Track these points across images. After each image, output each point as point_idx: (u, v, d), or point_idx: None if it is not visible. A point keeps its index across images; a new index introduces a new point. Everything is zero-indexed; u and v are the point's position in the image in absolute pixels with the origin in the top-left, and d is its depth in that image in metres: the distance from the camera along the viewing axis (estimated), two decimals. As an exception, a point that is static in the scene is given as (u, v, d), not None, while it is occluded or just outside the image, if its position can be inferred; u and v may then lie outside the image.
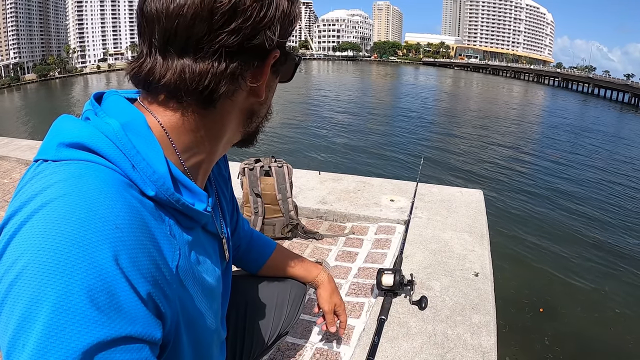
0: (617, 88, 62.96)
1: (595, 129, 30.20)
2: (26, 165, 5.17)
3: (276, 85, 0.82)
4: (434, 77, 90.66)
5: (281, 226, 3.01)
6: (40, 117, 32.93)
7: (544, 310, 6.27)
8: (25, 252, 0.50)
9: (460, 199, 3.54)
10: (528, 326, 5.81)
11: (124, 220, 0.55)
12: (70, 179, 0.56)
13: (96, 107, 0.70)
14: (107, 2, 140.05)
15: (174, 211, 0.68)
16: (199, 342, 0.75)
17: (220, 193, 0.98)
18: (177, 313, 0.65)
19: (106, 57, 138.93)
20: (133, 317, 0.53)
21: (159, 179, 0.64)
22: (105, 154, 0.61)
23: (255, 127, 0.82)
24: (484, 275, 2.36)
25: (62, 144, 0.61)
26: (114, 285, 0.51)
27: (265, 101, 0.79)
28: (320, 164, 14.55)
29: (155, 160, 0.66)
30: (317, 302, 1.44)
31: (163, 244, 0.61)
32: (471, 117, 31.76)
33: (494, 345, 1.79)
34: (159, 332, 0.58)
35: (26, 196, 0.55)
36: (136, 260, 0.55)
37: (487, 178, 14.97)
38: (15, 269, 0.49)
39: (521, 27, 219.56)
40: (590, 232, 10.21)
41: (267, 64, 0.72)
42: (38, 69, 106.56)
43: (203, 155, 0.76)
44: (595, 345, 5.70)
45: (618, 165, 18.98)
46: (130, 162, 0.62)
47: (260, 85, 0.73)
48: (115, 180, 0.59)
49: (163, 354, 0.65)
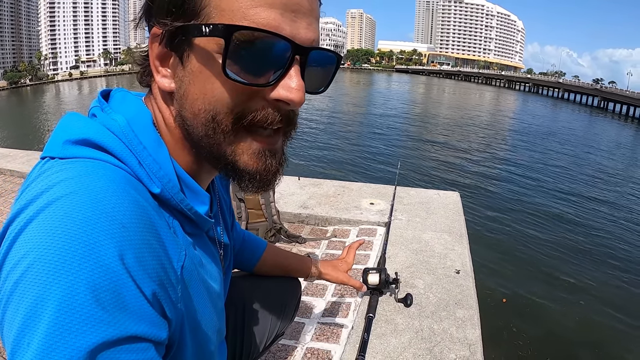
0: (587, 92, 64.63)
1: (566, 132, 31.07)
2: (1, 174, 5.08)
3: (198, 73, 0.63)
4: (407, 84, 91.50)
5: (264, 230, 3.03)
6: (13, 125, 32.13)
7: (507, 300, 6.64)
8: (30, 250, 0.49)
9: (438, 200, 3.62)
10: (509, 319, 6.05)
11: (130, 218, 0.54)
12: (76, 176, 0.55)
13: (103, 104, 0.69)
14: (80, 8, 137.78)
15: (178, 212, 0.68)
16: (202, 344, 0.74)
17: (222, 198, 0.96)
18: (182, 314, 0.64)
19: (78, 64, 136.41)
20: (138, 316, 0.52)
21: (164, 176, 0.64)
22: (112, 150, 0.60)
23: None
24: (465, 272, 2.43)
25: (68, 141, 0.60)
26: (120, 284, 0.50)
27: (184, 96, 0.70)
28: (298, 169, 14.53)
29: (161, 156, 0.66)
30: (332, 281, 1.48)
31: (169, 244, 0.60)
32: (444, 123, 32.21)
33: (479, 337, 1.86)
34: (165, 332, 0.57)
35: (32, 194, 0.54)
36: (142, 260, 0.54)
37: (462, 181, 15.21)
38: (20, 268, 0.49)
39: (492, 34, 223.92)
40: (566, 228, 10.67)
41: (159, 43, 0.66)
42: (9, 76, 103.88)
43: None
44: (569, 335, 6.03)
45: (594, 165, 19.71)
46: (137, 158, 0.62)
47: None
48: (122, 178, 0.58)
49: (168, 355, 0.64)
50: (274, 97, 0.62)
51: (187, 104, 0.64)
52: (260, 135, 0.65)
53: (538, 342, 5.64)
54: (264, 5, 0.57)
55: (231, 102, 0.61)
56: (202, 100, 0.62)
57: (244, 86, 0.60)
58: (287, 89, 0.61)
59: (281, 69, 0.61)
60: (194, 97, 0.63)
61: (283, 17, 0.58)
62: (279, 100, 0.62)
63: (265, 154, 0.67)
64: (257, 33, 0.57)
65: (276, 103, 0.63)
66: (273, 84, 0.61)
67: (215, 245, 0.85)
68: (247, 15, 0.57)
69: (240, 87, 0.60)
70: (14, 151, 6.19)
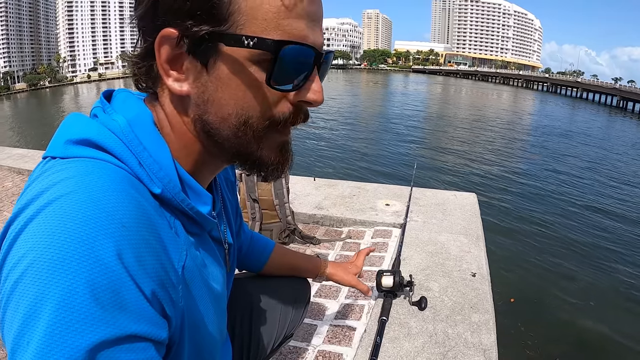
0: (605, 92, 63.27)
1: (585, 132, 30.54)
2: (18, 174, 5.15)
3: (217, 80, 0.63)
4: (424, 84, 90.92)
5: (279, 231, 3.02)
6: (32, 126, 32.76)
7: (515, 300, 6.49)
8: (30, 250, 0.49)
9: (455, 202, 3.57)
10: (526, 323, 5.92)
11: (130, 218, 0.54)
12: (77, 176, 0.55)
13: (105, 105, 0.69)
14: (98, 11, 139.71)
15: (179, 212, 0.67)
16: (202, 344, 0.74)
17: (225, 198, 0.96)
18: (183, 314, 0.64)
19: (96, 67, 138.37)
20: (138, 315, 0.52)
21: (165, 176, 0.64)
22: (112, 151, 0.61)
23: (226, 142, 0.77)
24: (481, 276, 2.39)
25: (70, 141, 0.61)
26: (119, 283, 0.51)
27: (206, 103, 0.71)
28: (314, 170, 14.54)
29: (162, 157, 0.66)
30: (340, 283, 1.44)
31: (169, 244, 0.60)
32: (462, 123, 31.92)
33: (494, 342, 1.82)
34: (165, 331, 0.57)
35: (33, 194, 0.54)
36: (141, 259, 0.54)
37: (479, 182, 15.07)
38: (20, 267, 0.49)
39: (509, 34, 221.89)
40: (583, 231, 10.40)
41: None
42: (28, 78, 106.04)
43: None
44: (590, 340, 5.86)
45: (610, 167, 19.27)
46: (137, 159, 0.62)
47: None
48: (122, 178, 0.58)
49: (168, 355, 0.64)
50: (300, 99, 0.66)
51: (213, 109, 0.64)
52: (284, 131, 0.69)
53: (547, 342, 5.55)
54: (294, 17, 0.60)
55: (263, 107, 0.64)
56: (232, 105, 0.63)
57: (275, 92, 0.63)
58: (313, 91, 0.66)
59: (306, 73, 0.64)
60: (222, 102, 0.64)
61: (307, 27, 0.62)
62: (301, 101, 0.66)
63: (286, 146, 0.72)
64: (297, 46, 0.61)
65: (299, 104, 0.67)
66: (300, 87, 0.65)
67: (218, 245, 0.85)
68: (280, 26, 0.59)
69: (272, 93, 0.63)
70: (32, 152, 6.29)
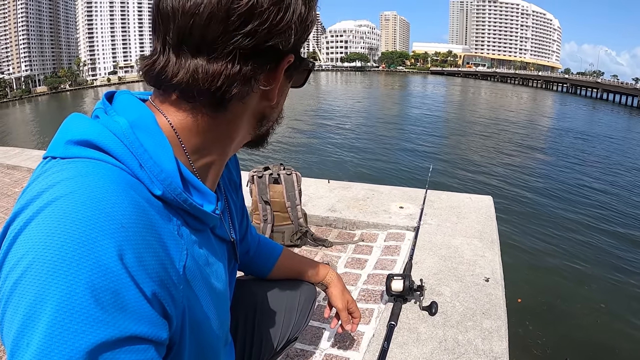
0: (626, 92, 61.71)
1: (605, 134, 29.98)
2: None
3: (288, 90, 0.81)
4: (442, 86, 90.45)
5: (290, 234, 3.01)
6: (51, 128, 33.15)
7: (522, 300, 6.40)
8: (30, 250, 0.49)
9: (470, 205, 3.52)
10: (540, 331, 5.84)
11: (129, 218, 0.54)
12: (76, 176, 0.55)
13: (107, 106, 0.69)
14: (117, 15, 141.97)
15: (182, 212, 0.67)
16: (203, 346, 0.74)
17: (229, 198, 0.97)
18: (183, 314, 0.64)
19: (116, 70, 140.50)
20: (138, 316, 0.52)
21: (166, 178, 0.64)
22: (113, 152, 0.61)
23: (266, 130, 0.81)
24: (495, 281, 2.34)
25: (70, 142, 0.61)
26: (119, 284, 0.51)
27: (277, 105, 0.78)
28: (329, 172, 14.53)
29: (164, 159, 0.65)
30: (329, 301, 1.41)
31: (170, 244, 0.60)
32: (480, 125, 31.60)
33: (505, 350, 1.77)
34: (165, 332, 0.57)
35: (32, 194, 0.55)
36: (142, 259, 0.54)
37: (496, 184, 14.90)
38: (20, 268, 0.49)
39: (528, 34, 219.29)
40: (602, 236, 10.22)
41: (280, 68, 0.71)
42: (49, 82, 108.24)
43: (213, 157, 0.75)
44: (607, 350, 5.73)
45: (629, 170, 18.83)
46: (138, 161, 0.62)
47: (272, 89, 0.72)
48: (121, 179, 0.58)
49: (169, 355, 0.64)
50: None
51: (276, 110, 0.79)
52: None
53: (558, 347, 5.48)
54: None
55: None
56: (282, 105, 0.81)
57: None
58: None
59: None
60: (281, 105, 0.80)
61: None
62: None
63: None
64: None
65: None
66: None
67: (223, 242, 0.86)
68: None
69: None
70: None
